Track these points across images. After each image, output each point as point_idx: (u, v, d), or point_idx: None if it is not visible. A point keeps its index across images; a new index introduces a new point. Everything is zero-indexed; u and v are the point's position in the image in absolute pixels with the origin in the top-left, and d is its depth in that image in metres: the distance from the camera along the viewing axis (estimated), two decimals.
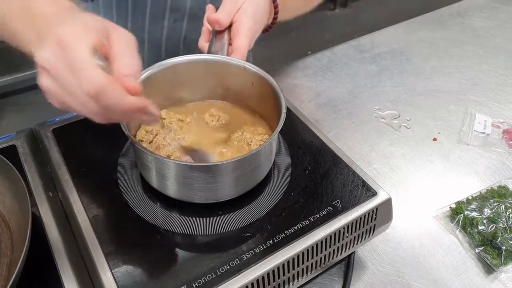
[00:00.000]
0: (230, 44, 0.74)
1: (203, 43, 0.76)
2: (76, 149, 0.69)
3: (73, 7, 0.56)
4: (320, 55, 1.18)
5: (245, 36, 0.73)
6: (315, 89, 1.06)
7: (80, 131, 0.72)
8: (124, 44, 0.50)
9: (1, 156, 0.59)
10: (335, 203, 0.62)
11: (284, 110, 0.61)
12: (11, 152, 0.68)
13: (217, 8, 0.74)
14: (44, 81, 0.48)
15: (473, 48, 1.22)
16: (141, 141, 0.66)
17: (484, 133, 0.95)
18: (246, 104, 0.73)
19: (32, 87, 2.52)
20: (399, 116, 0.99)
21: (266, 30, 0.83)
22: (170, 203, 0.62)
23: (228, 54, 0.72)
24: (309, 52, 2.53)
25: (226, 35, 0.73)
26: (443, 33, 1.28)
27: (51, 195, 0.64)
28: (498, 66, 1.15)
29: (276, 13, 0.81)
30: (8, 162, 0.58)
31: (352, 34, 2.91)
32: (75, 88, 0.47)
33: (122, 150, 0.69)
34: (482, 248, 0.73)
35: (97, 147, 0.70)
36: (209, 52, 0.73)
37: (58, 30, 0.47)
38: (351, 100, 1.03)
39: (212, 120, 0.71)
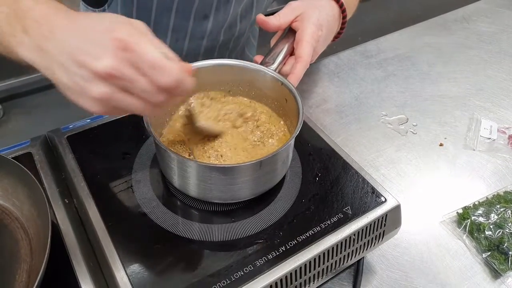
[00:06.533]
0: (291, 54, 0.74)
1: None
2: (91, 156, 0.70)
3: (63, 6, 0.52)
4: (326, 60, 1.19)
5: (307, 43, 0.73)
6: (322, 94, 1.07)
7: (94, 138, 0.74)
8: (150, 32, 0.50)
9: (20, 165, 0.60)
10: (346, 209, 0.64)
11: (300, 121, 0.63)
12: (27, 160, 0.69)
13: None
14: (100, 90, 0.47)
15: (478, 53, 1.23)
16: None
17: (490, 138, 0.96)
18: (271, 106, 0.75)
19: (38, 89, 2.54)
20: (405, 122, 1.00)
21: (335, 37, 0.83)
22: (184, 209, 0.64)
23: (280, 67, 0.74)
24: None
25: (285, 49, 0.74)
26: (448, 38, 1.29)
27: (67, 202, 0.66)
28: (503, 71, 1.16)
29: (344, 17, 0.81)
30: (27, 170, 0.60)
31: (356, 36, 2.93)
32: (144, 86, 0.47)
33: (137, 156, 0.70)
34: (489, 253, 0.74)
35: (111, 154, 0.71)
36: (261, 62, 0.74)
37: (114, 34, 0.46)
38: (358, 105, 1.05)
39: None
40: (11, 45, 0.51)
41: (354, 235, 0.62)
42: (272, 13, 0.81)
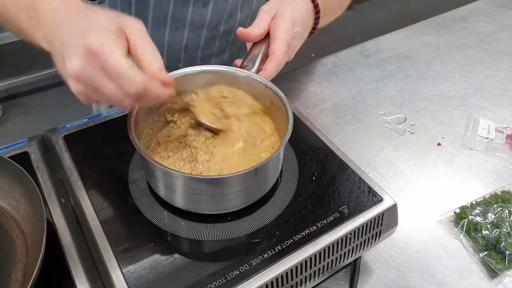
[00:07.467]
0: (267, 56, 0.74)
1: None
2: (87, 155, 0.70)
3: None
4: (324, 60, 1.19)
5: (280, 39, 0.72)
6: (320, 94, 1.07)
7: (91, 137, 0.74)
8: (140, 37, 0.53)
9: (17, 164, 0.60)
10: (342, 209, 0.64)
11: (290, 128, 0.62)
12: (23, 159, 0.69)
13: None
14: (75, 87, 0.52)
15: (476, 53, 1.23)
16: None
17: (487, 138, 0.96)
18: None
19: (38, 89, 2.54)
20: (404, 121, 1.00)
21: (310, 32, 0.83)
22: (180, 209, 0.63)
23: (260, 69, 0.73)
24: (313, 55, 2.54)
25: (262, 51, 0.73)
26: (447, 37, 1.29)
27: (63, 201, 0.66)
28: (501, 71, 1.16)
29: (317, 12, 0.80)
30: (23, 169, 0.60)
31: (355, 36, 2.93)
32: (112, 90, 0.50)
33: (133, 156, 0.70)
34: (486, 252, 0.74)
35: (108, 153, 0.71)
36: (240, 66, 0.73)
37: (86, 40, 0.49)
38: (356, 105, 1.05)
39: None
40: (36, 39, 0.57)
41: (351, 234, 0.62)
42: None
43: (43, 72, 2.48)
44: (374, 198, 0.65)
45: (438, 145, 0.95)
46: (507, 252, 0.72)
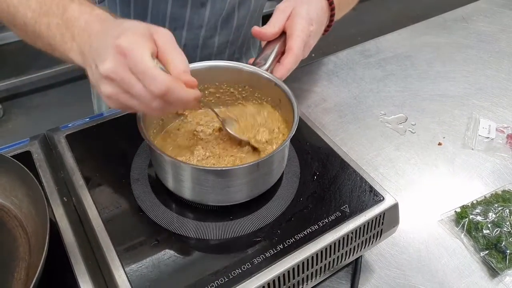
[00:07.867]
0: (283, 54, 0.75)
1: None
2: (89, 155, 0.71)
3: (105, 14, 0.60)
4: (325, 60, 1.19)
5: (297, 36, 0.74)
6: (321, 94, 1.08)
7: (93, 137, 0.74)
8: (168, 42, 0.55)
9: (19, 163, 0.60)
10: (343, 208, 0.64)
11: (295, 125, 0.62)
12: (26, 158, 0.70)
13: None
14: (107, 89, 0.54)
15: (477, 53, 1.23)
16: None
17: (488, 137, 0.96)
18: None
19: (38, 89, 2.55)
20: (404, 121, 1.01)
21: (325, 30, 0.84)
22: (182, 208, 0.64)
23: (272, 67, 0.73)
24: (313, 55, 2.54)
25: (275, 49, 0.74)
26: (447, 37, 1.29)
27: (66, 200, 0.66)
28: (502, 71, 1.16)
29: (332, 9, 0.82)
30: (26, 168, 0.60)
31: (356, 36, 2.93)
32: (140, 91, 0.52)
33: (135, 155, 0.70)
34: (487, 252, 0.74)
35: (110, 152, 0.71)
36: (253, 63, 0.73)
37: (117, 41, 0.51)
38: (357, 105, 1.05)
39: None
40: (65, 51, 0.60)
41: (352, 233, 0.62)
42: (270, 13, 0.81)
43: (43, 72, 2.48)
44: (375, 197, 0.66)
45: (439, 144, 0.95)
46: (508, 251, 0.73)
